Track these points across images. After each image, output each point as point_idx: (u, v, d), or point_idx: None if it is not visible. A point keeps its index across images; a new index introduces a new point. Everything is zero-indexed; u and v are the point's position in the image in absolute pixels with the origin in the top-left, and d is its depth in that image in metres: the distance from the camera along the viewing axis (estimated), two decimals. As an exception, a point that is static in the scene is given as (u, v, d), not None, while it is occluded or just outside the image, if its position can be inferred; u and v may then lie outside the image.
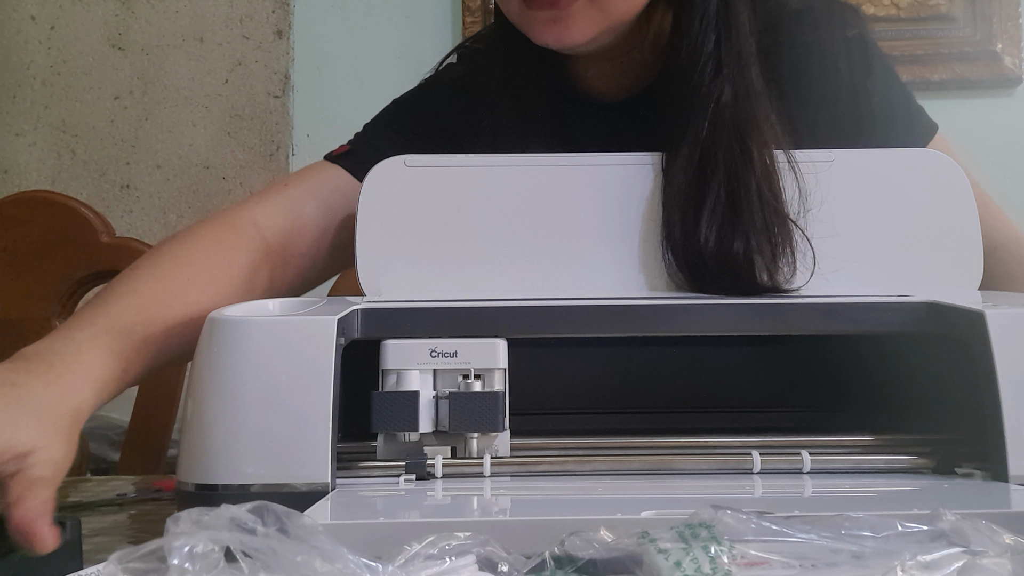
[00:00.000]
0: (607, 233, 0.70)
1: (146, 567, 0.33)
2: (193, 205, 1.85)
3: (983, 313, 0.52)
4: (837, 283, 0.66)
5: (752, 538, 0.36)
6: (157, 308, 0.65)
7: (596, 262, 0.69)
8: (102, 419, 1.38)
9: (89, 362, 0.58)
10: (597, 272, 0.69)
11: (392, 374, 0.55)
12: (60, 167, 1.86)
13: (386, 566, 0.35)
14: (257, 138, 1.85)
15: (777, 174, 0.69)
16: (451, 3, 1.82)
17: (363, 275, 0.69)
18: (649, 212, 0.70)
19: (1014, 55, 1.65)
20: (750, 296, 0.63)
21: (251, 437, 0.50)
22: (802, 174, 0.69)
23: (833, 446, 0.57)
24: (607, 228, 0.70)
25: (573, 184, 0.71)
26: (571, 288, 0.68)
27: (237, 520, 0.35)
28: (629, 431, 0.59)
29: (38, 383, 0.54)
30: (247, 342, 0.52)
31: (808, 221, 0.68)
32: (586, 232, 0.70)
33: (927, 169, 0.70)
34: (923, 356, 0.59)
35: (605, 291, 0.68)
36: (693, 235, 0.67)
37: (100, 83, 1.86)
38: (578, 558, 0.37)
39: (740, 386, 0.65)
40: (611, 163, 0.72)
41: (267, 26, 1.86)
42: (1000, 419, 0.51)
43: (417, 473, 0.54)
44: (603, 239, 0.70)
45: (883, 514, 0.39)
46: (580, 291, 0.68)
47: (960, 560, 0.35)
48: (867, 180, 0.70)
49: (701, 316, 0.58)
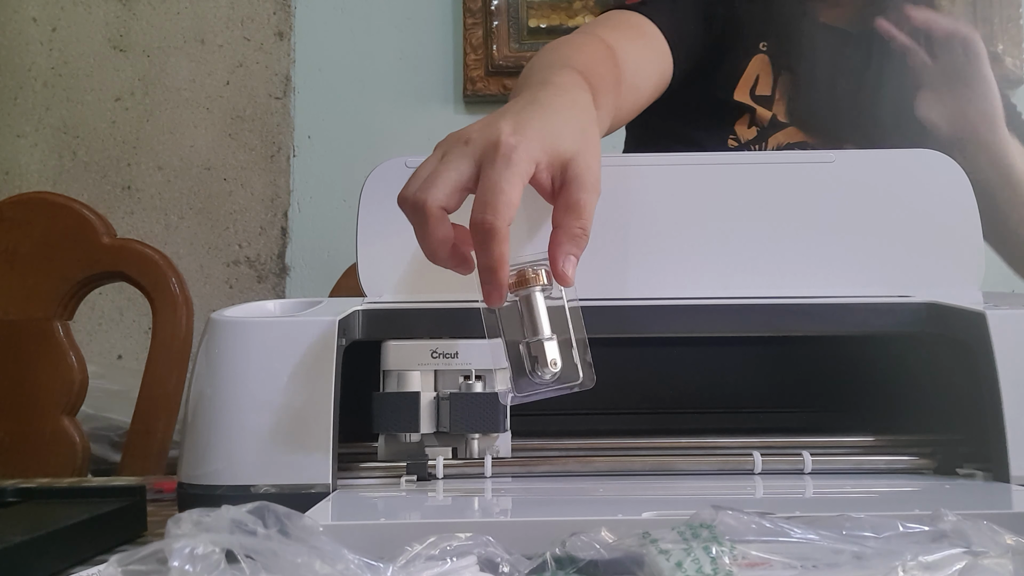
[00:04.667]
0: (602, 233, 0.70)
1: (147, 569, 0.33)
2: (194, 206, 1.85)
3: (984, 314, 0.52)
4: (838, 283, 0.66)
5: (753, 538, 0.36)
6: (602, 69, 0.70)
7: (596, 262, 0.69)
8: (103, 420, 1.38)
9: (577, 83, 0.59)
10: (597, 272, 0.69)
11: (393, 375, 0.55)
12: (61, 168, 1.86)
13: (387, 567, 0.35)
14: (258, 139, 1.85)
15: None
16: (452, 4, 1.82)
17: (364, 276, 0.69)
18: (650, 214, 0.70)
19: (1015, 56, 1.65)
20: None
21: (252, 438, 0.50)
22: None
23: (834, 447, 0.57)
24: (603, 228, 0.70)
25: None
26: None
27: (238, 521, 0.35)
28: (630, 432, 0.59)
29: (555, 96, 0.54)
30: (248, 343, 0.52)
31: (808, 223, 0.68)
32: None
33: (928, 169, 0.70)
34: (924, 357, 0.59)
35: (605, 291, 0.68)
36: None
37: (101, 84, 1.86)
38: (579, 559, 0.37)
39: (741, 387, 0.64)
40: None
41: (268, 27, 1.86)
42: (1001, 420, 0.51)
43: (418, 474, 0.54)
44: (603, 239, 0.70)
45: (884, 515, 0.39)
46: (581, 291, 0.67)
47: (961, 561, 0.35)
48: (868, 180, 0.70)
49: (701, 317, 0.58)
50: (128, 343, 1.83)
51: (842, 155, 0.70)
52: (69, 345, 1.04)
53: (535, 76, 0.62)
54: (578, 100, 0.55)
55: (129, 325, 1.84)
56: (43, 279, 1.05)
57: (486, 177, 0.47)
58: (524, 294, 0.48)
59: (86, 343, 1.55)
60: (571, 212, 0.48)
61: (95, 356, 1.65)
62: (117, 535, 0.51)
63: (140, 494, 0.54)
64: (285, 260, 1.85)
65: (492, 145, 0.47)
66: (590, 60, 0.71)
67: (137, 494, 0.54)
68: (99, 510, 0.51)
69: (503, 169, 0.46)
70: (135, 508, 0.54)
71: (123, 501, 0.53)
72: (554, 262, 0.48)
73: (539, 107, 0.51)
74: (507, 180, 0.46)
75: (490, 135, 0.48)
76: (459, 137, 0.50)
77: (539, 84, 0.57)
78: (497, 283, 0.46)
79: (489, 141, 0.47)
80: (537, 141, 0.48)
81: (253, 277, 1.85)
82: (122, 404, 1.28)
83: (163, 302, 1.04)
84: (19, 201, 1.12)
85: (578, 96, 0.56)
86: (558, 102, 0.53)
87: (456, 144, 0.49)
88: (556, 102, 0.53)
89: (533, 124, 0.49)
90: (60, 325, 1.04)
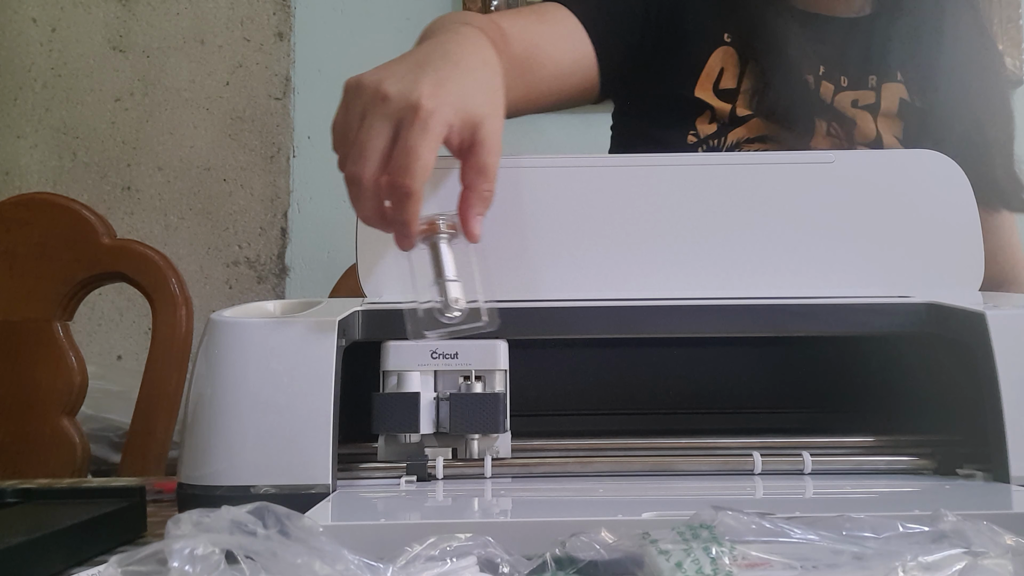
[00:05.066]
0: (604, 233, 0.70)
1: (147, 569, 0.33)
2: (194, 207, 1.85)
3: (984, 314, 0.52)
4: (837, 284, 0.66)
5: (753, 539, 0.36)
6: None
7: (595, 262, 0.69)
8: (103, 421, 1.38)
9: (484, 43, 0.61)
10: (596, 273, 0.69)
11: (393, 375, 0.55)
12: (61, 169, 1.86)
13: (387, 567, 0.35)
14: (258, 140, 1.85)
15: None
16: (451, 6, 1.82)
17: (364, 276, 0.68)
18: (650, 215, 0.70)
19: (1015, 56, 1.65)
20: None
21: (252, 439, 0.50)
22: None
23: (834, 447, 0.57)
24: (605, 228, 0.70)
25: (575, 183, 0.71)
26: (571, 288, 0.68)
27: (238, 522, 0.35)
28: (630, 432, 0.59)
29: (469, 54, 0.57)
30: (248, 344, 0.52)
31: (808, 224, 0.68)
32: (584, 232, 0.70)
33: (928, 169, 0.70)
34: (924, 357, 0.59)
35: (602, 292, 0.68)
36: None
37: (101, 85, 1.86)
38: (579, 559, 0.37)
39: (741, 387, 0.64)
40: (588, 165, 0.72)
41: (268, 28, 1.86)
42: (1001, 420, 0.51)
43: (418, 474, 0.54)
44: (600, 239, 0.70)
45: (884, 515, 0.39)
46: (581, 291, 0.67)
47: (961, 561, 0.35)
48: (868, 180, 0.70)
49: (702, 317, 0.58)
50: (128, 343, 1.83)
51: (842, 155, 0.70)
52: (69, 346, 1.04)
53: (442, 33, 0.63)
54: (489, 60, 0.58)
55: (129, 325, 1.84)
56: (43, 280, 1.05)
57: (403, 140, 0.51)
58: (432, 241, 0.54)
59: (86, 344, 1.55)
60: (481, 175, 0.53)
61: (95, 356, 1.65)
62: (117, 536, 0.51)
63: (140, 495, 0.54)
64: (285, 261, 1.85)
65: (411, 108, 0.50)
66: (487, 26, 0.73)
67: (137, 495, 0.54)
68: (99, 511, 0.51)
69: (420, 133, 0.50)
70: (135, 509, 0.54)
71: (123, 502, 0.53)
72: (466, 221, 0.53)
73: (453, 66, 0.54)
74: (424, 144, 0.50)
75: (409, 97, 0.51)
76: (376, 92, 0.52)
77: (448, 35, 0.59)
78: (409, 234, 0.52)
79: (408, 103, 0.51)
80: (452, 105, 0.52)
81: (253, 277, 1.85)
82: (122, 404, 1.28)
83: (163, 302, 1.04)
84: (19, 201, 1.12)
85: (488, 56, 0.58)
86: (471, 60, 0.56)
87: (375, 102, 0.52)
88: (470, 60, 0.56)
89: (449, 87, 0.52)
90: (60, 326, 1.04)
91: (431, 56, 0.56)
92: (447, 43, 0.58)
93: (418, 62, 0.54)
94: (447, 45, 0.58)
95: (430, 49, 0.57)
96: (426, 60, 0.55)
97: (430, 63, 0.54)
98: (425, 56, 0.56)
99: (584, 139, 1.65)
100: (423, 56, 0.56)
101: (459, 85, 0.53)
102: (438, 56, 0.55)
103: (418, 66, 0.54)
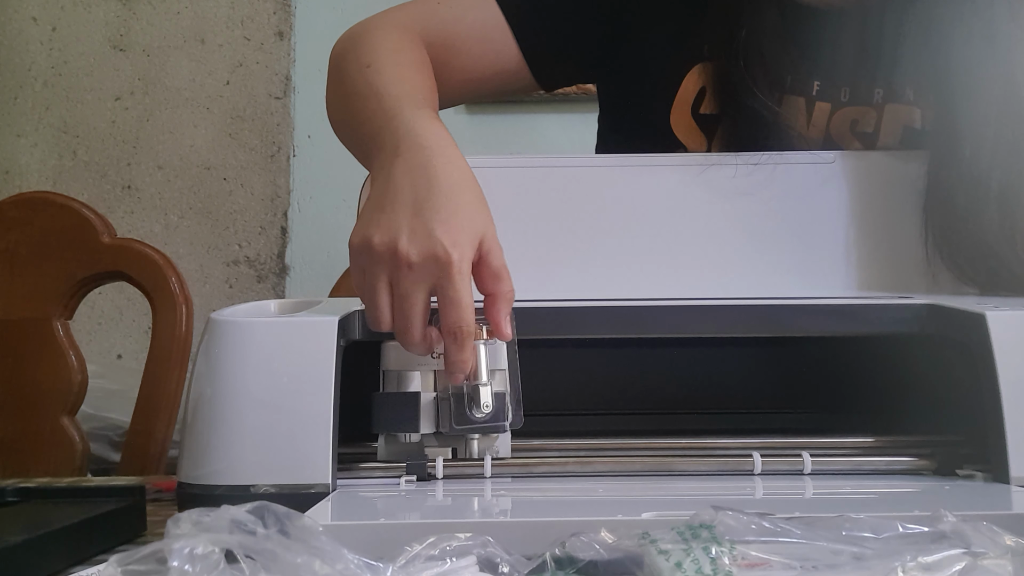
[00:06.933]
0: (603, 233, 0.70)
1: (146, 569, 0.33)
2: (194, 206, 1.85)
3: (984, 314, 0.52)
4: (837, 284, 0.66)
5: (753, 539, 0.36)
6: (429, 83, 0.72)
7: (595, 262, 0.69)
8: (103, 420, 1.38)
9: (448, 137, 0.61)
10: (596, 273, 0.69)
11: (393, 375, 0.56)
12: (61, 168, 1.86)
13: (387, 567, 0.35)
14: (258, 139, 1.85)
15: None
16: (452, 4, 1.82)
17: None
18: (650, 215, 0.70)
19: (1015, 56, 1.65)
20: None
21: (252, 438, 0.50)
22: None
23: (834, 448, 0.57)
24: (605, 228, 0.70)
25: (574, 184, 0.71)
26: (572, 288, 0.68)
27: (237, 521, 0.35)
28: (630, 432, 0.59)
29: (447, 163, 0.57)
30: (248, 343, 0.52)
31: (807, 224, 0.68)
32: (584, 232, 0.70)
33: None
34: (924, 358, 0.59)
35: (605, 291, 0.68)
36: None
37: (101, 84, 1.86)
38: (579, 559, 0.37)
39: (741, 387, 0.64)
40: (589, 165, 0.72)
41: (268, 27, 1.86)
42: (1001, 420, 0.51)
43: (418, 474, 0.54)
44: (600, 239, 0.70)
45: (884, 515, 0.39)
46: (580, 291, 0.67)
47: (961, 562, 0.35)
48: (868, 180, 0.70)
49: (702, 317, 0.58)
50: (128, 343, 1.83)
51: (842, 155, 0.70)
52: (69, 345, 1.04)
53: (401, 127, 0.61)
54: (460, 164, 0.58)
55: (129, 325, 1.84)
56: (43, 279, 1.05)
57: (447, 296, 0.52)
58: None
59: (86, 343, 1.55)
60: (498, 279, 0.55)
61: (95, 356, 1.65)
62: (117, 535, 0.51)
63: (140, 494, 0.54)
64: (285, 260, 1.85)
65: (442, 266, 0.52)
66: (416, 75, 0.72)
67: (137, 494, 0.54)
68: (99, 510, 0.51)
69: (460, 283, 0.52)
70: (135, 508, 0.54)
71: (123, 501, 0.53)
72: (498, 325, 0.54)
73: (446, 197, 0.55)
74: (465, 289, 0.53)
75: (435, 254, 0.52)
76: (395, 258, 0.53)
77: (418, 148, 0.58)
78: (463, 373, 0.54)
79: (437, 263, 0.52)
80: (468, 240, 0.54)
81: (253, 277, 1.85)
82: (122, 404, 1.28)
83: (163, 302, 1.04)
84: (19, 201, 1.12)
85: (456, 156, 0.59)
86: (454, 177, 0.57)
87: (401, 271, 0.53)
88: (453, 177, 0.56)
89: (454, 223, 0.54)
90: (60, 325, 1.04)
91: (418, 191, 0.55)
92: (425, 166, 0.57)
93: (415, 205, 0.55)
94: (426, 169, 0.57)
95: (413, 180, 0.56)
96: (421, 200, 0.55)
97: (428, 202, 0.54)
98: (413, 193, 0.55)
99: (584, 139, 1.65)
100: (413, 195, 0.55)
101: (461, 215, 0.54)
102: (424, 188, 0.55)
103: (417, 210, 0.54)
